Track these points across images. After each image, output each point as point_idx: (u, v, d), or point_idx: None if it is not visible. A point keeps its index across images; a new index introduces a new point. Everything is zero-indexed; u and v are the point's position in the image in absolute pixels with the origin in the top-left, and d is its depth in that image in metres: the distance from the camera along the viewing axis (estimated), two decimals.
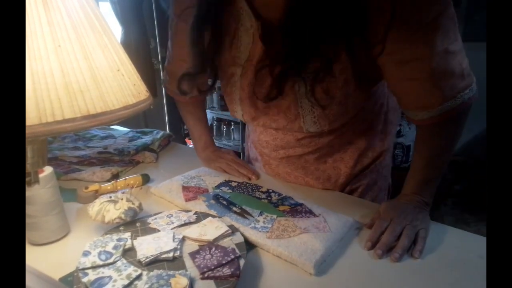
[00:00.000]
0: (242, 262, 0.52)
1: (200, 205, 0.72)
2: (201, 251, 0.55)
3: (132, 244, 0.56)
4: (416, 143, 0.70)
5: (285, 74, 0.65)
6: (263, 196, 0.76)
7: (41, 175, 0.58)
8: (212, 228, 0.60)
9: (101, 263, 0.51)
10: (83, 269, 0.50)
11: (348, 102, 0.70)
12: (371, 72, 0.68)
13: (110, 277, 0.49)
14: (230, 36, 0.71)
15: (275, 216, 0.67)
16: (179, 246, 0.56)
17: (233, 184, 0.82)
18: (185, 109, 0.97)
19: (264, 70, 0.67)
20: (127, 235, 0.58)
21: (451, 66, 0.60)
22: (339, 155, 0.83)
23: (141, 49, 2.37)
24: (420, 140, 0.70)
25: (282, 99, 0.70)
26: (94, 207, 0.63)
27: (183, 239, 0.58)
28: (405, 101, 0.67)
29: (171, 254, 0.54)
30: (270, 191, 0.78)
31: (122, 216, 0.61)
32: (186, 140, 2.94)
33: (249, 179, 0.86)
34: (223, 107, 2.69)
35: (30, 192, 0.58)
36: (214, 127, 2.86)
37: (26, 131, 0.33)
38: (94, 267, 0.50)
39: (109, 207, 0.62)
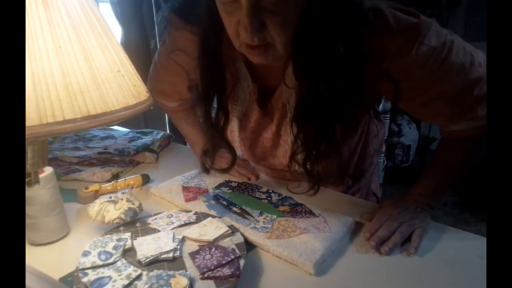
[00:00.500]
0: (242, 262, 0.52)
1: (200, 206, 0.72)
2: (201, 251, 0.55)
3: (132, 244, 0.56)
4: (438, 147, 0.70)
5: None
6: (263, 196, 0.76)
7: (41, 176, 0.58)
8: (212, 228, 0.60)
9: (101, 263, 0.51)
10: (83, 269, 0.50)
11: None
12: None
13: (110, 277, 0.49)
14: (228, 89, 0.74)
15: (275, 217, 0.67)
16: (179, 246, 0.56)
17: (233, 184, 0.82)
18: (175, 116, 0.97)
19: (261, 127, 0.74)
20: (127, 235, 0.58)
21: (482, 92, 0.58)
22: (330, 182, 0.86)
23: (141, 50, 2.36)
24: (444, 146, 0.69)
25: (278, 148, 0.78)
26: (94, 208, 0.63)
27: (183, 239, 0.58)
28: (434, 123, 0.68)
29: (171, 254, 0.54)
30: (270, 191, 0.78)
31: (122, 216, 0.61)
32: (186, 140, 2.93)
33: (249, 179, 0.87)
34: None
35: (30, 193, 0.58)
36: None
37: (27, 132, 0.33)
38: (94, 267, 0.51)
39: (109, 208, 0.62)
